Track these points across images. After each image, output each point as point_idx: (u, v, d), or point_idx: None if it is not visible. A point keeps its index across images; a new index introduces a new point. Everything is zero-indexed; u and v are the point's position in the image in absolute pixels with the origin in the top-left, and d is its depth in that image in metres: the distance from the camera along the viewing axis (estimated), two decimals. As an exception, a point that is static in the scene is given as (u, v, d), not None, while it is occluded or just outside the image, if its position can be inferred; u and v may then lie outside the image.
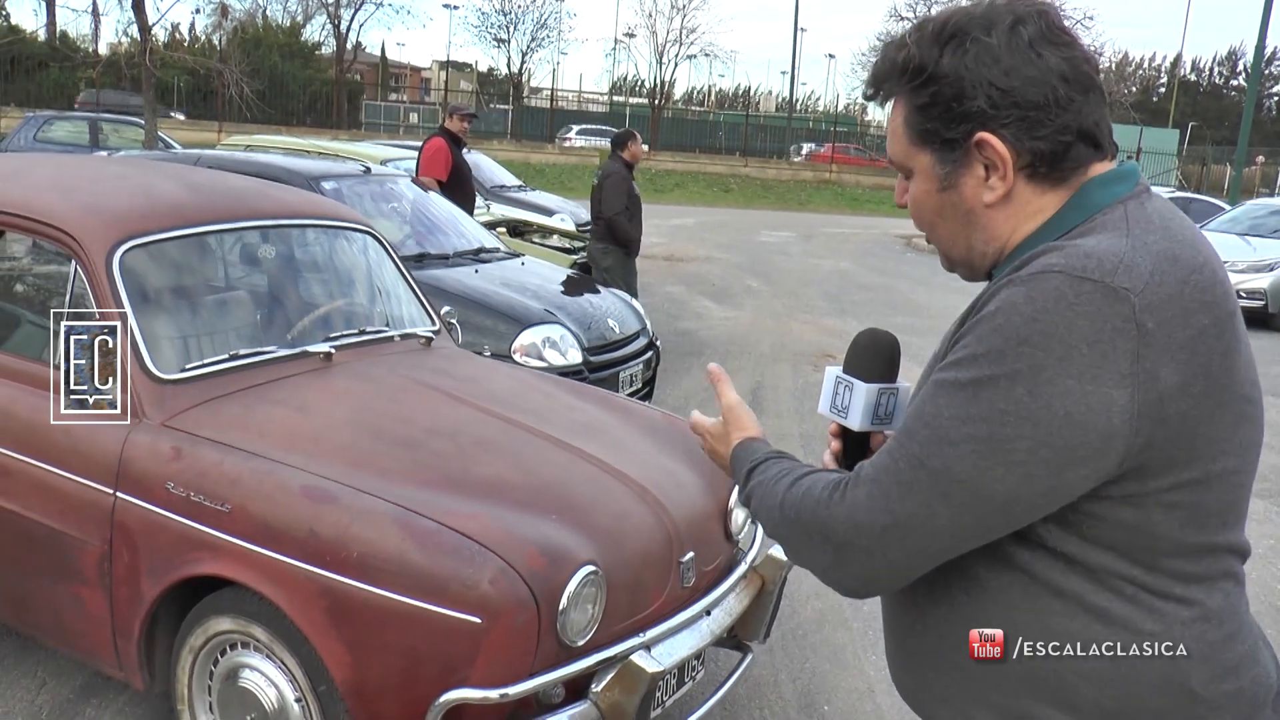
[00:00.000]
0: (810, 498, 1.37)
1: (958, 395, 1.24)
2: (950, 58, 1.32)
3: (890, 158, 1.46)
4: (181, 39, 36.93)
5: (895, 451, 1.30)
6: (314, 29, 45.36)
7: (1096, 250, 1.23)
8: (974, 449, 1.22)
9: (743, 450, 1.60)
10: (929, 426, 1.26)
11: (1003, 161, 1.33)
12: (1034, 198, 1.35)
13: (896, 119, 1.40)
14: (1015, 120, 1.30)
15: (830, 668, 4.00)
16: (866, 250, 20.22)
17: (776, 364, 9.30)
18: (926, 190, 1.41)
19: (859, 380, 1.53)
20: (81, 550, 2.96)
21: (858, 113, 60.22)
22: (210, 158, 6.97)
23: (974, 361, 1.23)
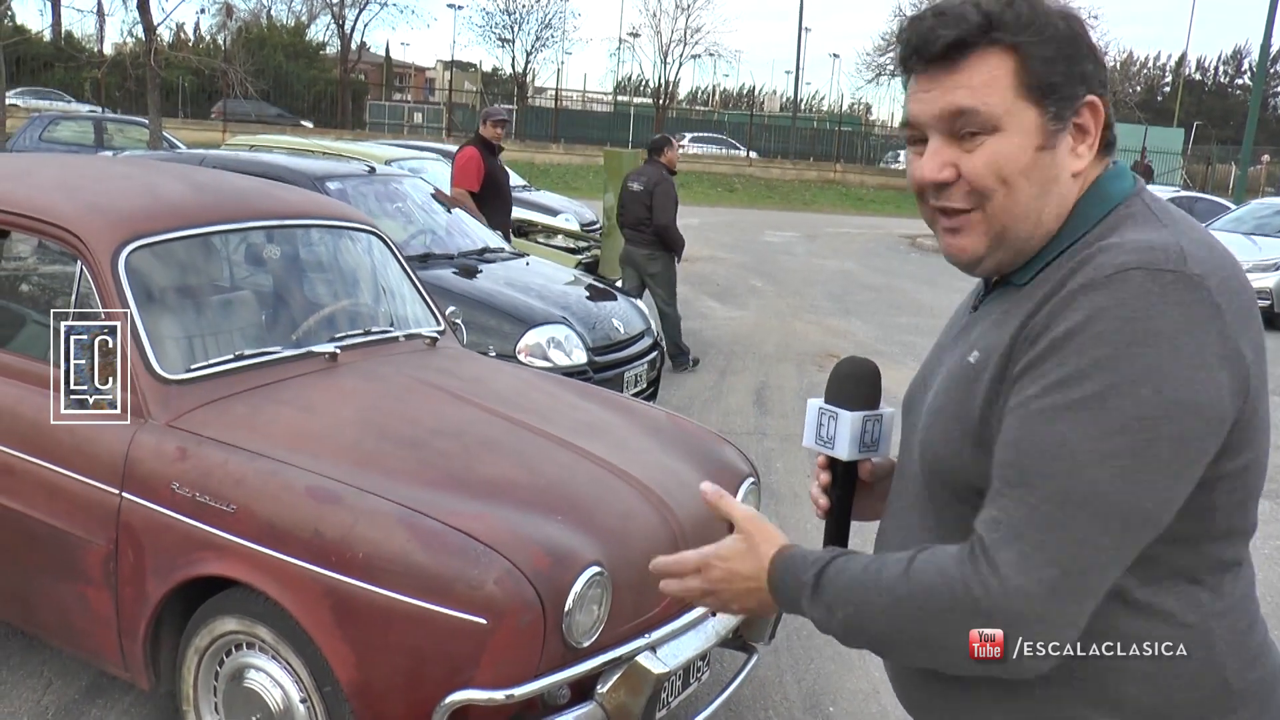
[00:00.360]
0: (939, 582, 1.23)
1: (1081, 415, 1.17)
2: (1062, 23, 1.31)
3: (972, 109, 1.30)
4: (186, 39, 36.98)
5: (1028, 497, 1.19)
6: (318, 29, 45.46)
7: (1155, 242, 1.23)
8: (1120, 465, 1.16)
9: (789, 561, 1.40)
10: (1059, 458, 1.18)
11: (1097, 127, 1.33)
12: (1092, 172, 1.35)
13: (996, 71, 1.29)
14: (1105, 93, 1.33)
15: (835, 669, 4.00)
16: (870, 250, 20.21)
17: (781, 364, 9.30)
18: (1022, 146, 1.30)
19: (843, 409, 1.51)
20: (87, 550, 2.96)
21: (862, 112, 60.21)
22: (215, 158, 6.98)
23: (1085, 376, 1.18)
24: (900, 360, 9.80)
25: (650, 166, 8.71)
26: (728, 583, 1.46)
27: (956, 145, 1.33)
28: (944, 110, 1.33)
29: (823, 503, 1.57)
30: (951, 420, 1.34)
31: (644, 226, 8.53)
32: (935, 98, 1.33)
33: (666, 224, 8.45)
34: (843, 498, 1.56)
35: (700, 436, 3.64)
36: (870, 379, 1.53)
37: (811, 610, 1.35)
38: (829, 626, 1.34)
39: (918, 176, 1.38)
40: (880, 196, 33.94)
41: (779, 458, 6.54)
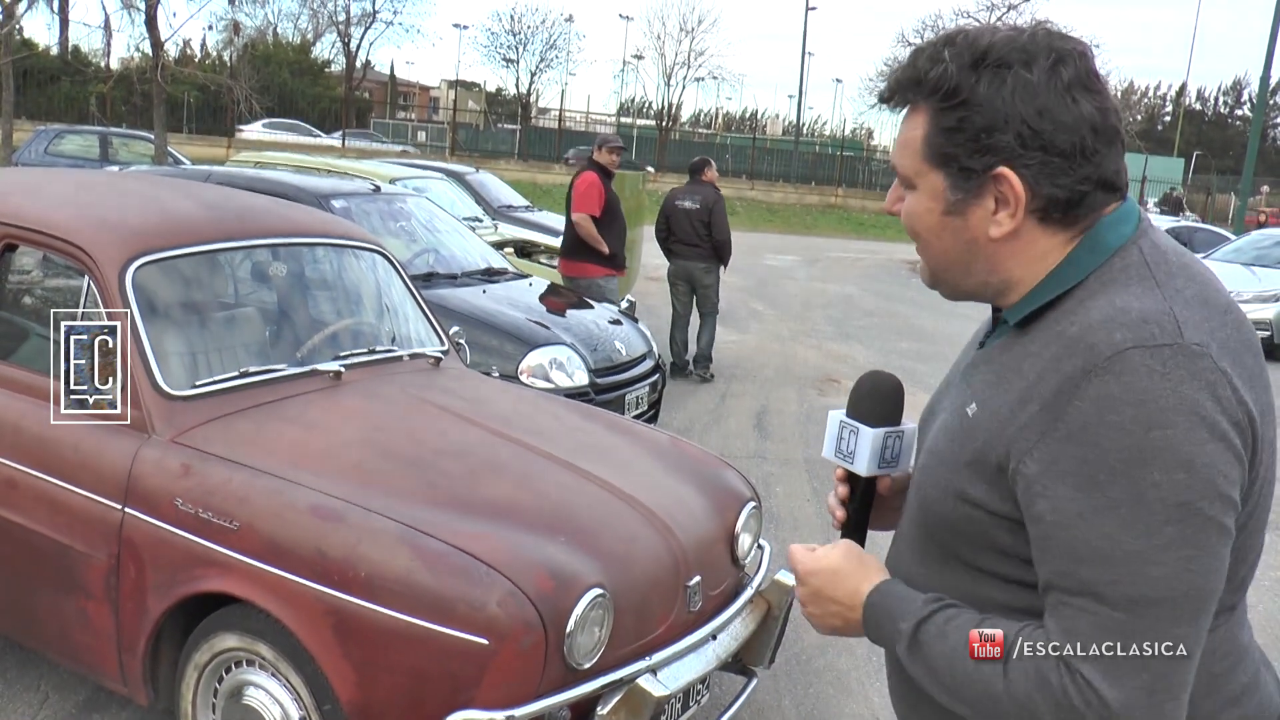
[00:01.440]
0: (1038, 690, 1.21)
1: (1123, 513, 1.16)
2: (987, 87, 1.27)
3: (895, 164, 1.40)
4: (192, 55, 37.18)
5: (1094, 607, 1.18)
6: (324, 46, 45.71)
7: (1146, 312, 1.21)
8: (1178, 555, 1.16)
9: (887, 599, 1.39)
10: (1114, 561, 1.17)
11: (1016, 200, 1.29)
12: (1040, 238, 1.32)
13: (913, 132, 1.34)
14: (1039, 163, 1.27)
15: (834, 693, 3.99)
16: (871, 275, 20.26)
17: (781, 388, 9.30)
18: (929, 209, 1.36)
19: (864, 425, 1.51)
20: (88, 565, 2.96)
21: (864, 137, 60.41)
22: (220, 174, 7.00)
23: (1115, 472, 1.16)
24: (900, 385, 9.80)
25: (699, 186, 9.28)
26: (815, 597, 1.46)
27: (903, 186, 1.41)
28: (890, 158, 1.43)
29: (840, 514, 1.57)
30: (944, 469, 1.35)
31: (701, 242, 9.12)
32: (895, 141, 1.42)
33: (727, 239, 9.18)
34: (860, 510, 1.56)
35: (702, 460, 3.65)
36: (893, 395, 1.53)
37: (908, 662, 1.34)
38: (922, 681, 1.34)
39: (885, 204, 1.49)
40: (881, 221, 33.97)
41: (779, 481, 6.54)
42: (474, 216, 10.54)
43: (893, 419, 1.52)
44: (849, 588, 1.42)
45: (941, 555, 1.38)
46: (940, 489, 1.35)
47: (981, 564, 1.33)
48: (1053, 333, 1.27)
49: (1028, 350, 1.29)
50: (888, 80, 1.39)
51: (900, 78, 1.35)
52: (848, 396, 1.55)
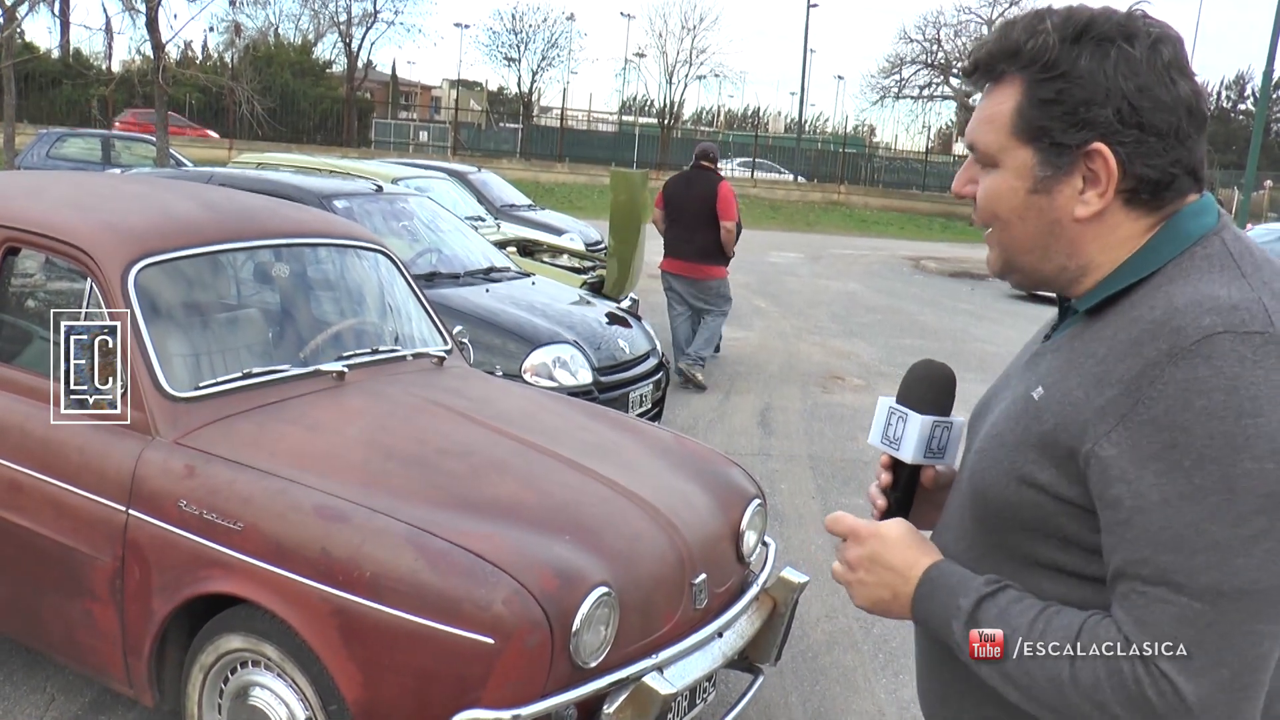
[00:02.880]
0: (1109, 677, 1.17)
1: (1211, 501, 1.12)
2: (1089, 59, 1.24)
3: (974, 143, 1.36)
4: (194, 56, 37.17)
5: (1174, 597, 1.15)
6: (325, 47, 45.62)
7: (1236, 300, 1.18)
8: (1265, 548, 1.12)
9: (946, 576, 1.36)
10: (1201, 550, 1.13)
11: (1109, 178, 1.26)
12: (1124, 222, 1.29)
13: (1001, 105, 1.31)
14: (1134, 141, 1.25)
15: (841, 690, 3.98)
16: (874, 272, 20.25)
17: (785, 385, 9.29)
18: (1013, 187, 1.32)
19: (913, 412, 1.48)
20: (93, 567, 2.96)
21: (866, 134, 60.34)
22: (222, 175, 7.00)
23: (1204, 458, 1.13)
24: (904, 382, 9.79)
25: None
26: (869, 562, 1.41)
27: (980, 166, 1.37)
28: (965, 136, 1.38)
29: (880, 503, 1.54)
30: (1006, 451, 1.32)
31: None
32: (971, 119, 1.37)
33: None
34: (902, 500, 1.53)
35: (707, 458, 3.64)
36: (945, 385, 1.50)
37: (963, 640, 1.29)
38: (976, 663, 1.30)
39: (953, 187, 1.44)
40: (884, 218, 34.00)
41: (783, 479, 6.53)
42: (476, 216, 10.54)
43: (943, 409, 1.49)
44: (908, 558, 1.38)
45: (992, 546, 1.35)
46: (1001, 472, 1.31)
47: (1038, 554, 1.30)
48: (1129, 318, 1.24)
49: (1100, 335, 1.26)
50: (975, 52, 1.35)
51: (993, 49, 1.32)
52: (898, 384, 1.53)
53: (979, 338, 12.91)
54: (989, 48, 1.32)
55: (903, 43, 36.25)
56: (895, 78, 36.17)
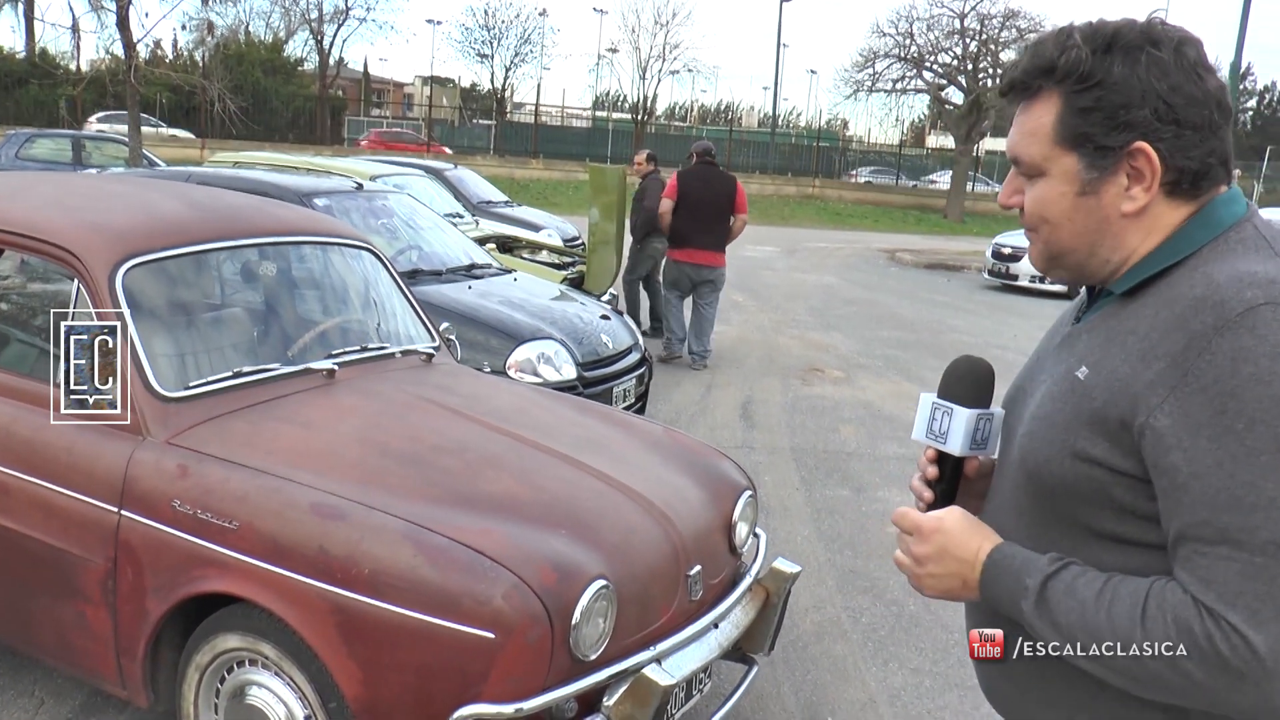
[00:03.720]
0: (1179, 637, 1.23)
1: (1264, 460, 1.20)
2: (1121, 66, 1.34)
3: (1018, 156, 1.45)
4: (163, 55, 36.81)
5: (1234, 553, 1.21)
6: (296, 45, 45.31)
7: (1272, 274, 1.27)
8: None
9: (1010, 558, 1.42)
10: (1258, 507, 1.20)
11: (1153, 173, 1.35)
12: (1165, 212, 1.38)
13: (1042, 119, 1.41)
14: (1172, 136, 1.34)
15: (832, 679, 4.01)
16: (850, 265, 20.31)
17: (765, 378, 9.32)
18: (1062, 193, 1.41)
19: (959, 406, 1.55)
20: (84, 569, 2.94)
21: (840, 128, 60.52)
22: (200, 175, 6.95)
23: (1254, 420, 1.20)
24: (883, 373, 9.86)
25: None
26: (937, 557, 1.47)
27: (1024, 177, 1.47)
28: (1008, 151, 1.48)
29: (926, 496, 1.59)
30: (1056, 430, 1.38)
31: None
32: (1010, 136, 1.47)
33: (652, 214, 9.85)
34: (948, 493, 1.59)
35: (697, 450, 3.66)
36: (986, 379, 1.57)
37: (1033, 618, 1.35)
38: (1047, 634, 1.35)
39: (999, 199, 1.54)
40: (859, 211, 34.10)
41: (767, 471, 6.55)
42: (455, 213, 10.51)
43: (984, 402, 1.56)
44: (972, 545, 1.45)
45: (1052, 523, 1.41)
46: (1055, 450, 1.38)
47: (1097, 526, 1.36)
48: (1167, 297, 1.32)
49: (1140, 314, 1.34)
50: (1010, 73, 1.45)
51: (1028, 67, 1.41)
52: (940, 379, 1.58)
53: (956, 329, 12.99)
54: (1024, 66, 1.42)
55: (876, 37, 36.21)
56: (868, 71, 36.12)
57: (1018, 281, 17.23)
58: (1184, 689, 1.25)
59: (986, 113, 33.29)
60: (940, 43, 35.26)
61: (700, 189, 9.44)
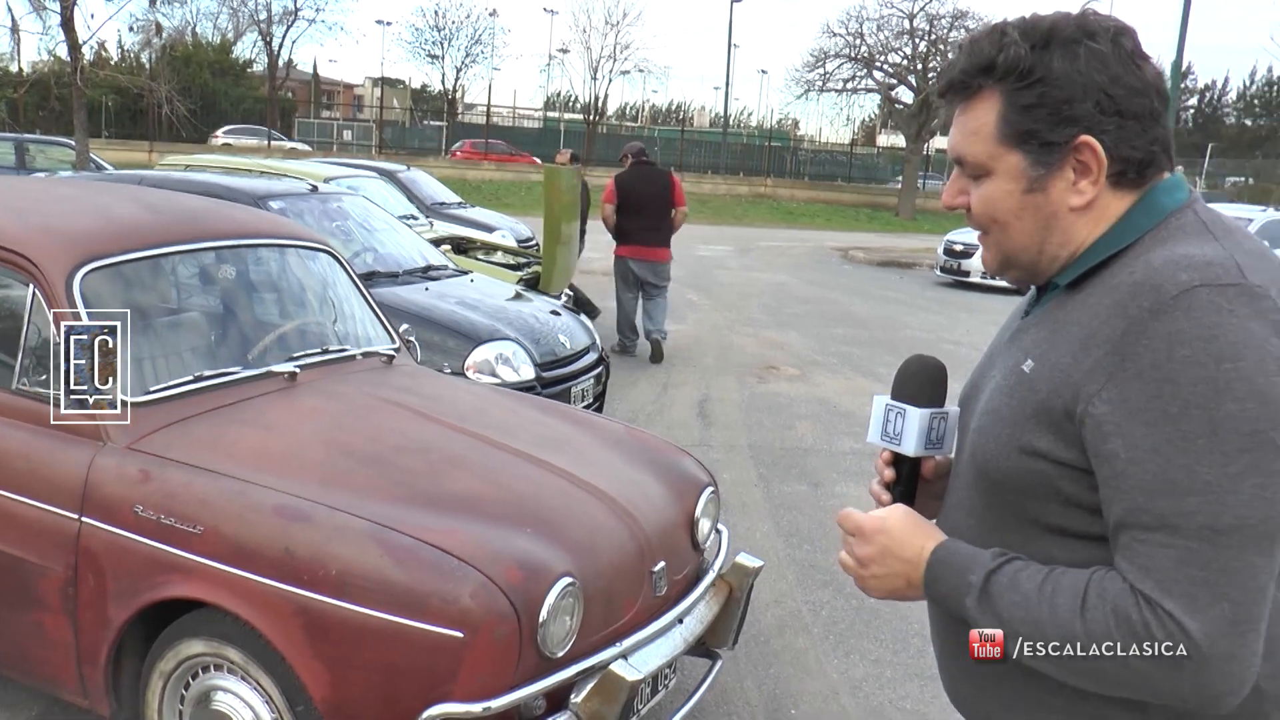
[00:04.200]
0: (1121, 623, 1.22)
1: (1199, 445, 1.19)
2: (1061, 61, 1.33)
3: (961, 157, 1.43)
4: (108, 57, 36.22)
5: (1170, 539, 1.21)
6: (245, 46, 44.84)
7: (1210, 257, 1.26)
8: (1253, 484, 1.19)
9: (952, 555, 1.41)
10: (1193, 492, 1.19)
11: (1099, 166, 1.34)
12: (1112, 203, 1.37)
13: (984, 118, 1.39)
14: (1116, 128, 1.33)
15: (794, 672, 4.06)
16: (803, 263, 20.45)
17: (721, 376, 9.38)
18: (1008, 191, 1.39)
19: (911, 406, 1.54)
20: (44, 577, 2.91)
21: (791, 128, 60.83)
22: (153, 178, 6.88)
23: (1188, 405, 1.19)
24: (837, 370, 9.95)
25: None
26: (880, 557, 1.46)
27: (969, 178, 1.45)
28: (950, 152, 1.46)
29: (885, 499, 1.59)
30: (1003, 424, 1.38)
31: None
32: (951, 136, 1.45)
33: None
34: (906, 494, 1.58)
35: (659, 448, 3.69)
36: (938, 377, 1.56)
37: (977, 614, 1.35)
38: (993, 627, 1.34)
39: (942, 200, 1.52)
40: (810, 210, 34.32)
41: (725, 469, 6.59)
42: (409, 214, 10.47)
43: (937, 401, 1.55)
44: (915, 545, 1.44)
45: (1001, 518, 1.41)
46: (1002, 445, 1.37)
47: (1045, 520, 1.35)
48: (1109, 285, 1.31)
49: (1083, 304, 1.33)
50: (947, 74, 1.43)
51: (965, 66, 1.39)
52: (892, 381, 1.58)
53: (909, 325, 13.13)
54: (961, 65, 1.40)
55: (826, 37, 36.51)
56: (819, 71, 36.41)
57: (969, 278, 17.46)
58: (1125, 679, 1.25)
59: (936, 112, 33.63)
60: (890, 43, 35.65)
61: (640, 189, 9.80)
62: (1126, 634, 1.22)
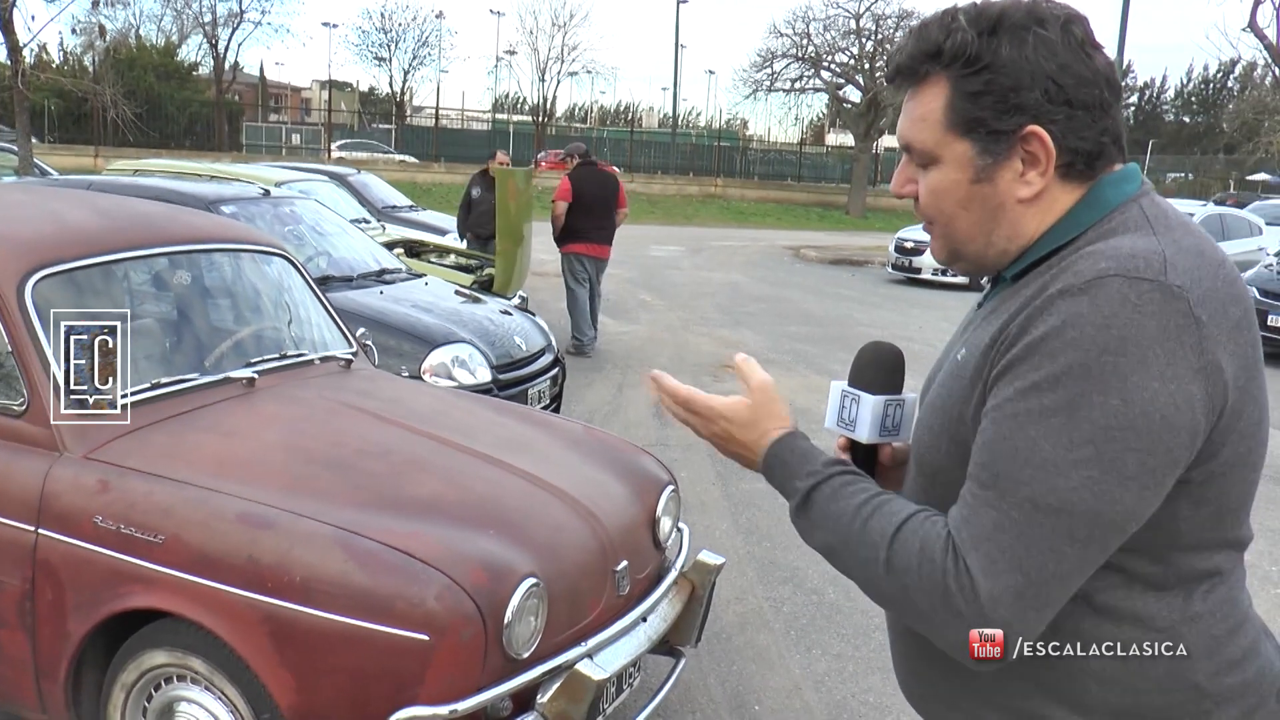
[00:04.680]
0: (919, 563, 1.26)
1: (1051, 422, 1.19)
2: (1009, 48, 1.30)
3: (909, 144, 1.40)
4: (49, 60, 35.59)
5: (997, 502, 1.22)
6: (190, 49, 44.20)
7: (1138, 249, 1.24)
8: (1086, 475, 1.18)
9: (788, 453, 1.46)
10: (1030, 464, 1.20)
11: (1047, 156, 1.32)
12: (1061, 196, 1.35)
13: (931, 104, 1.36)
14: (1065, 118, 1.30)
15: (756, 668, 4.09)
16: (755, 262, 20.55)
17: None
18: (956, 180, 1.36)
19: (865, 393, 1.53)
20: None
21: (739, 128, 61.08)
22: (101, 183, 6.79)
23: (1057, 382, 1.19)
24: (792, 368, 10.02)
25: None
26: (723, 441, 1.52)
27: (917, 166, 1.42)
28: (899, 138, 1.43)
29: None
30: (938, 415, 1.38)
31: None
32: (900, 122, 1.42)
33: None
34: None
35: (618, 447, 3.71)
36: (893, 364, 1.55)
37: (795, 518, 1.41)
38: (807, 538, 1.41)
39: (891, 187, 1.49)
40: (761, 209, 34.49)
41: (683, 467, 6.61)
42: (361, 218, 10.40)
43: (893, 387, 1.54)
44: (754, 434, 1.49)
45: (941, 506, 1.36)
46: (935, 435, 1.38)
47: None
48: (1045, 278, 1.30)
49: (1018, 294, 1.32)
50: (894, 59, 1.40)
51: (913, 52, 1.37)
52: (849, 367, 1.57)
53: (863, 322, 13.25)
54: (908, 51, 1.37)
55: (773, 37, 36.68)
56: (767, 71, 36.59)
57: (921, 275, 17.64)
58: (906, 607, 1.29)
59: (884, 111, 33.96)
60: (837, 43, 35.91)
61: (590, 189, 10.13)
62: (925, 573, 1.25)
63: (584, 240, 10.16)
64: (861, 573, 1.33)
